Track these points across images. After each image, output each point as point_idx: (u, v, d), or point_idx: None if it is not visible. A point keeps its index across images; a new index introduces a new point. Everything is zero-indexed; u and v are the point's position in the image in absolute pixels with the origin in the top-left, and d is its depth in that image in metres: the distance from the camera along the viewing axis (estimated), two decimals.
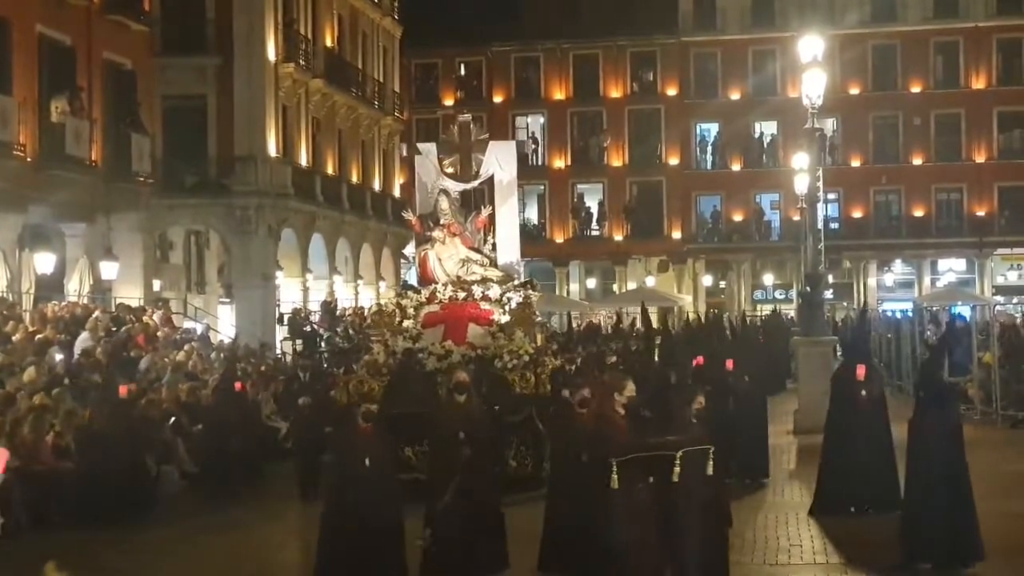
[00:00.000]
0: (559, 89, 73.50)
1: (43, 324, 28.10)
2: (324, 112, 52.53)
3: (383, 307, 25.79)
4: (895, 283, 73.08)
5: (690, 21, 72.20)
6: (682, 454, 11.07)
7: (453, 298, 22.93)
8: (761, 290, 72.36)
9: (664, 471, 11.09)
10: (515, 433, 20.64)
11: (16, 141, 32.54)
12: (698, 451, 11.31)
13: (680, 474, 11.01)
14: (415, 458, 20.09)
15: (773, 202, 71.94)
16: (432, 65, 74.60)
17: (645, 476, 11.20)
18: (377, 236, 57.51)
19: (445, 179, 24.00)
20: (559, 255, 72.99)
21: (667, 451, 11.19)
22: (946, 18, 70.01)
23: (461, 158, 24.19)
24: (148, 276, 40.05)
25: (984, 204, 70.19)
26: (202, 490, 22.20)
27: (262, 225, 45.03)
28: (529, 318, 23.11)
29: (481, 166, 24.30)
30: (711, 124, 73.44)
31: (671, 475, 11.04)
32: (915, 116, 70.62)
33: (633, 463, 11.12)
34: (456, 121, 25.19)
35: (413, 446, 20.26)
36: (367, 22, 58.27)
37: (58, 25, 35.44)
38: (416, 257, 24.68)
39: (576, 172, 74.06)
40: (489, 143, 24.93)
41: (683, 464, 11.03)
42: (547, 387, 21.05)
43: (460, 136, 24.40)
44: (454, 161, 24.18)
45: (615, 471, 10.99)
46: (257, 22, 45.33)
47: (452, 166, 24.09)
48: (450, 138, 24.60)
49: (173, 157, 43.80)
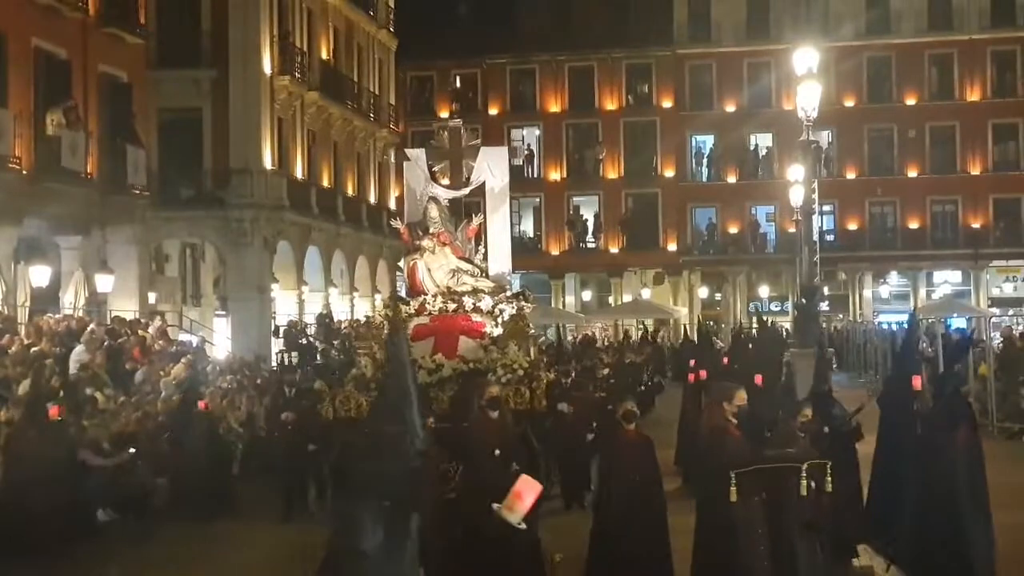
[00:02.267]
0: (554, 101, 73.52)
1: (39, 337, 28.04)
2: (319, 124, 52.56)
3: (370, 319, 25.23)
4: (891, 295, 73.00)
5: (685, 33, 72.26)
6: (808, 467, 10.81)
7: (443, 309, 22.02)
8: (757, 302, 72.32)
9: (781, 485, 10.85)
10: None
11: (12, 154, 32.51)
12: (818, 465, 11.05)
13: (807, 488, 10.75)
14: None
15: (768, 214, 71.91)
16: (427, 77, 74.62)
17: (761, 489, 10.94)
18: (372, 248, 57.52)
19: (435, 186, 23.14)
20: (555, 267, 72.97)
21: (791, 463, 10.90)
22: (940, 30, 70.08)
23: (451, 164, 23.31)
24: (144, 289, 40.00)
25: (979, 216, 70.21)
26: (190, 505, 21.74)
27: (257, 237, 45.03)
28: (523, 330, 22.20)
29: (472, 173, 23.38)
30: (706, 136, 73.43)
31: (793, 489, 10.76)
32: (910, 128, 70.65)
33: (753, 476, 10.85)
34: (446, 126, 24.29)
35: None
36: (362, 35, 58.34)
37: (54, 38, 35.44)
38: (404, 267, 23.54)
39: (572, 184, 74.02)
40: (480, 149, 23.96)
41: (810, 477, 10.75)
42: (542, 403, 20.29)
43: (450, 142, 23.54)
44: (444, 168, 23.30)
45: (735, 483, 10.73)
46: (252, 35, 45.40)
47: (442, 173, 23.19)
48: (440, 144, 23.69)
49: (169, 169, 43.84)
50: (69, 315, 32.78)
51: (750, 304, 72.16)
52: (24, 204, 33.00)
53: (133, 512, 21.16)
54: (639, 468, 13.45)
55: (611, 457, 13.98)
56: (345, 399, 20.69)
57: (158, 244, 44.82)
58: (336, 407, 20.59)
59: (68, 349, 27.52)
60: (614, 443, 14.23)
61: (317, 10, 52.20)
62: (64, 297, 35.92)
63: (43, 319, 30.50)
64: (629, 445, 13.82)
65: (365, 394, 20.52)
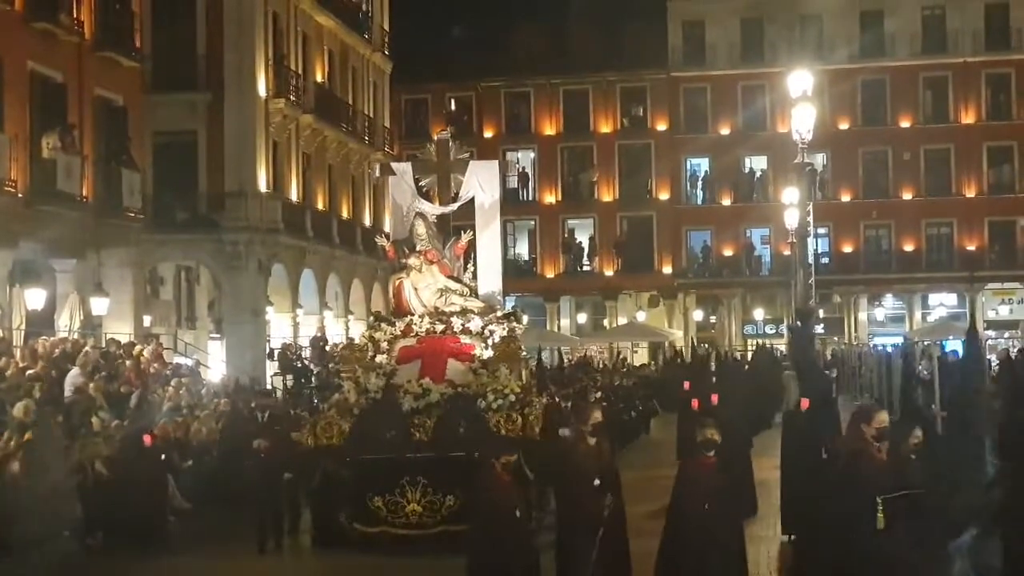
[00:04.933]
0: (549, 124, 73.61)
1: (34, 360, 28.00)
2: (314, 147, 52.58)
3: (353, 341, 24.35)
4: (886, 317, 73.06)
5: (679, 56, 72.37)
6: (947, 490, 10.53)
7: (430, 331, 21.36)
8: (752, 324, 72.30)
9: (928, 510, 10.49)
10: None
11: (7, 177, 32.57)
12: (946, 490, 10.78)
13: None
14: (385, 509, 18.99)
15: (763, 237, 71.96)
16: (422, 100, 74.70)
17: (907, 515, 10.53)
18: (367, 271, 57.43)
19: (421, 202, 22.40)
20: (550, 290, 72.97)
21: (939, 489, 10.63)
22: (935, 53, 70.23)
23: (439, 179, 22.50)
24: (138, 311, 39.99)
25: (974, 238, 70.26)
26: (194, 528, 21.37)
27: (252, 260, 45.01)
28: (514, 353, 21.35)
29: (461, 188, 22.55)
30: (701, 159, 73.50)
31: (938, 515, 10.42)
32: (905, 151, 70.74)
33: (900, 502, 10.52)
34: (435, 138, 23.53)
35: (383, 495, 19.02)
36: (357, 57, 58.38)
37: (50, 62, 35.50)
38: (390, 286, 22.62)
39: (566, 207, 74.11)
40: (470, 163, 23.14)
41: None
42: (535, 429, 19.44)
43: (438, 155, 22.73)
44: (431, 182, 22.53)
45: (882, 510, 10.43)
46: (247, 58, 45.46)
47: (429, 187, 22.43)
48: (427, 157, 22.92)
49: (163, 193, 43.82)
50: (64, 338, 32.73)
51: (745, 327, 72.20)
52: (19, 227, 33.03)
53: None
54: (715, 497, 12.88)
55: (686, 485, 13.23)
56: (327, 425, 19.93)
57: (153, 267, 44.82)
58: (318, 433, 19.85)
59: (63, 372, 27.48)
60: (690, 471, 13.48)
61: (312, 33, 52.25)
62: (59, 320, 35.88)
63: (38, 342, 30.45)
64: (706, 475, 13.15)
65: (347, 420, 19.81)
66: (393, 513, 18.98)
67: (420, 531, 19.00)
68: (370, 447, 18.95)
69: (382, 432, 19.08)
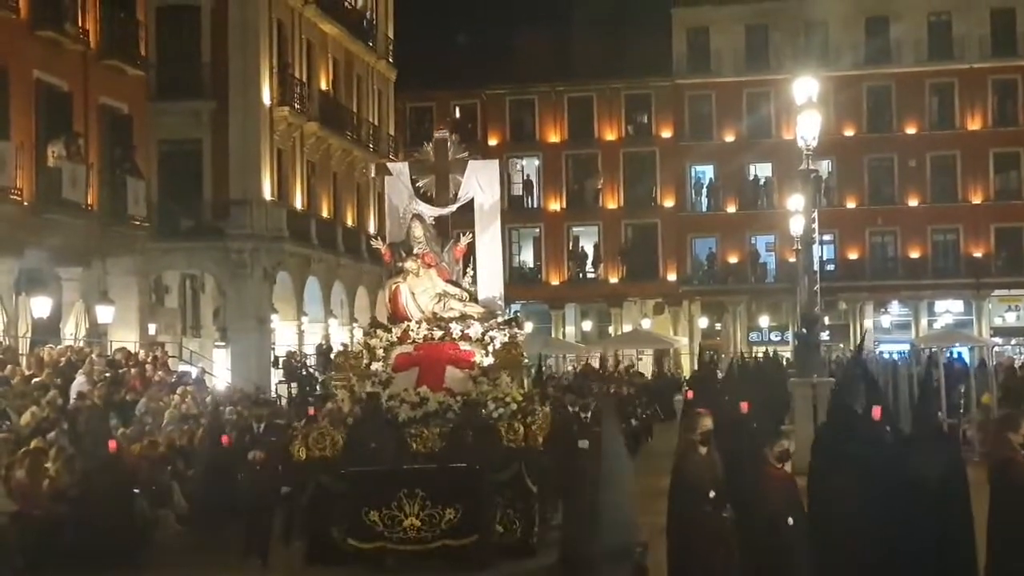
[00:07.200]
0: (554, 132, 73.60)
1: (39, 368, 28.01)
2: (319, 155, 52.60)
3: (347, 348, 23.56)
4: (892, 324, 72.85)
5: (684, 63, 72.37)
6: None
7: (428, 337, 20.64)
8: (757, 332, 72.19)
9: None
10: (502, 493, 18.53)
11: (13, 185, 32.58)
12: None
13: None
14: (381, 523, 17.97)
15: (768, 244, 71.83)
16: (426, 108, 74.66)
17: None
18: (372, 279, 57.26)
19: (419, 203, 21.67)
20: (555, 298, 72.97)
21: None
22: (941, 60, 70.13)
23: (437, 179, 21.81)
24: (144, 320, 40.01)
25: (981, 245, 70.12)
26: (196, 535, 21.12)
27: (257, 268, 44.98)
28: (516, 360, 20.70)
29: (459, 188, 21.88)
30: (706, 166, 73.43)
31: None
32: (910, 158, 70.65)
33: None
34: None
35: (380, 509, 18.00)
36: (361, 65, 58.39)
37: (55, 70, 35.51)
38: (386, 291, 21.82)
39: (571, 215, 74.06)
40: (469, 163, 22.37)
41: None
42: (538, 440, 18.92)
43: (436, 154, 22.05)
44: (429, 183, 21.82)
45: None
46: (252, 66, 45.47)
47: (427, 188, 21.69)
48: (424, 157, 22.30)
49: (168, 201, 43.86)
50: (70, 346, 32.74)
51: (750, 334, 72.09)
52: (25, 235, 33.02)
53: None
54: (792, 509, 12.53)
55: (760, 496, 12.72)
56: (319, 436, 19.29)
57: (158, 275, 44.82)
58: (310, 445, 19.18)
59: (69, 380, 27.49)
60: (762, 482, 12.83)
61: (316, 41, 52.28)
62: (65, 328, 35.87)
63: (44, 350, 30.51)
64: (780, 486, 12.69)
65: (341, 431, 19.16)
66: (390, 528, 17.98)
67: (419, 546, 18.03)
68: (366, 458, 18.22)
69: (367, 444, 18.41)
